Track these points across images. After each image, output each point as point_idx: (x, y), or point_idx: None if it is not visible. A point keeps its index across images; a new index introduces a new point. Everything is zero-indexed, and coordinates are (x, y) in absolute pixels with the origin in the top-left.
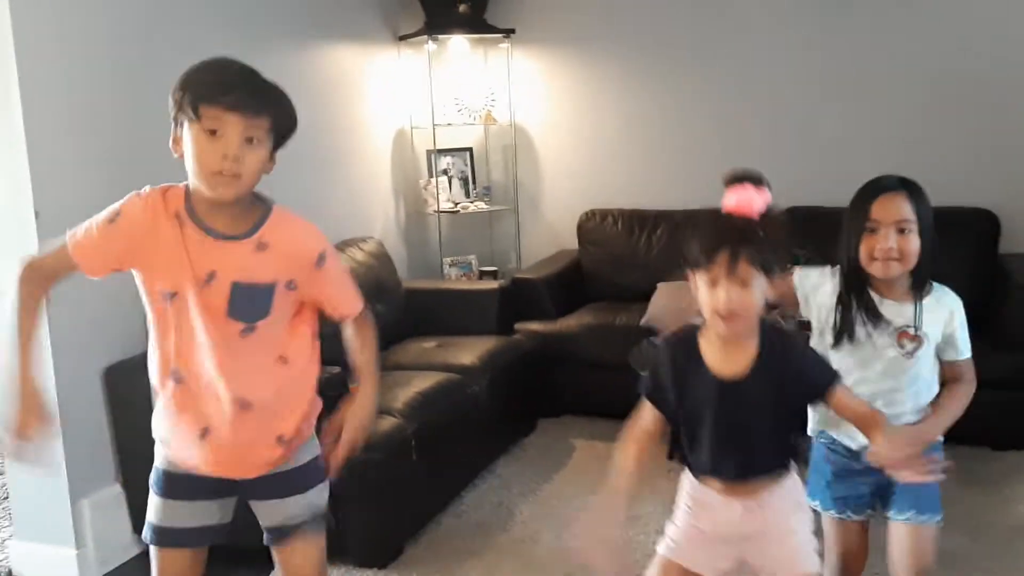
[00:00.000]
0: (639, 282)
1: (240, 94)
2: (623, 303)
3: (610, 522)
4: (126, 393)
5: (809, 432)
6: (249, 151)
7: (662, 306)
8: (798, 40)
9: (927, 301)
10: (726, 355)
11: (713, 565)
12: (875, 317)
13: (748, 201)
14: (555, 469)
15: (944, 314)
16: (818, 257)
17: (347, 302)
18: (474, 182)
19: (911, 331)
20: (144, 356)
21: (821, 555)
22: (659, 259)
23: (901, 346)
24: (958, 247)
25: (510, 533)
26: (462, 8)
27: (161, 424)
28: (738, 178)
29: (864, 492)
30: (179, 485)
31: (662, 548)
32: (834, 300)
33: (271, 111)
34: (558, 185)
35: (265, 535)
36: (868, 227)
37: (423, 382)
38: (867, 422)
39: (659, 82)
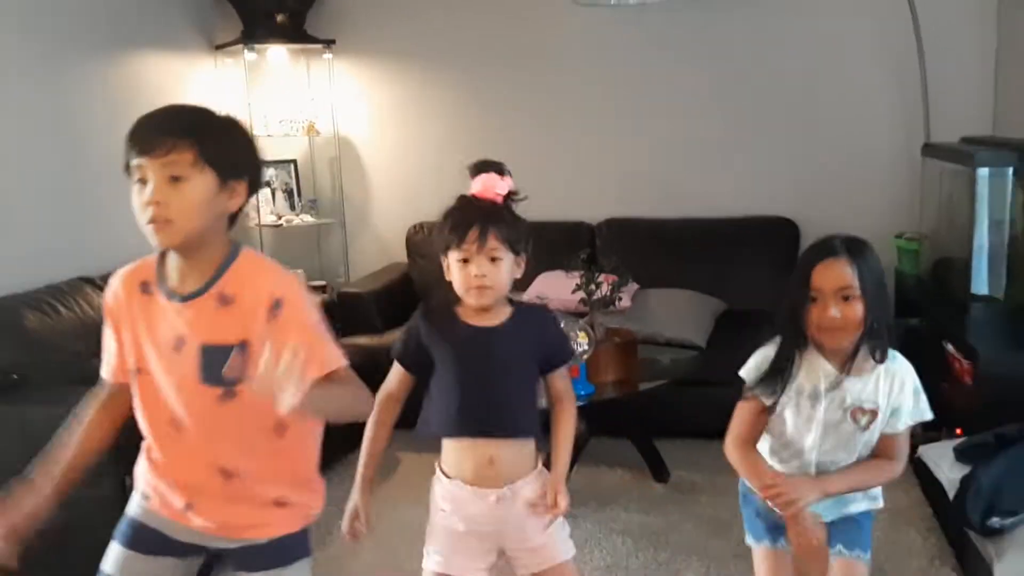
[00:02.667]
0: None
1: (145, 135)
2: None
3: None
4: None
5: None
6: (175, 192)
7: None
8: (613, 58)
9: (878, 371)
10: (480, 317)
11: (478, 565)
12: (812, 387)
13: (492, 185)
14: (378, 483)
15: (895, 385)
16: (623, 266)
17: (312, 362)
18: (299, 195)
19: (864, 405)
20: None
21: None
22: None
23: (857, 421)
24: (762, 253)
25: (327, 551)
26: (280, 18)
27: (143, 481)
28: (482, 167)
29: None
30: (147, 539)
31: (430, 563)
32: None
33: (189, 141)
34: (386, 198)
35: None
36: (811, 295)
37: None
38: (562, 405)
39: (481, 94)
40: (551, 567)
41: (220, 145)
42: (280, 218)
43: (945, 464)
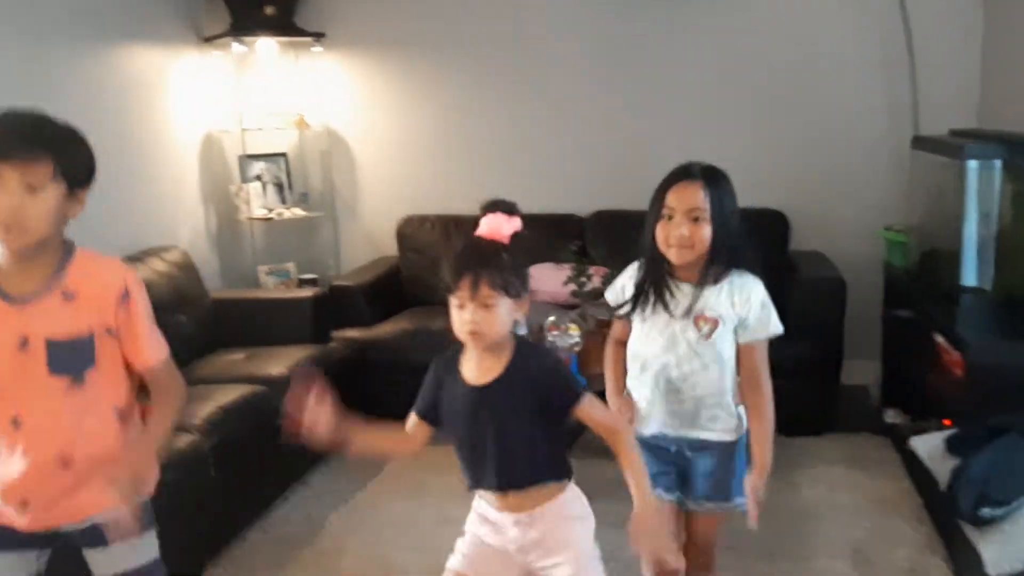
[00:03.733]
0: None
1: (8, 142)
2: (441, 308)
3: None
4: None
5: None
6: (31, 200)
7: None
8: (603, 50)
9: (724, 285)
10: (480, 367)
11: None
12: (663, 298)
13: (497, 227)
14: (370, 476)
15: (740, 297)
16: (613, 257)
17: (151, 348)
18: (290, 188)
19: (706, 313)
20: None
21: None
22: None
23: (699, 328)
24: (753, 245)
25: (317, 545)
26: (269, 10)
27: None
28: (491, 206)
29: (670, 471)
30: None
31: (451, 561)
32: (634, 284)
33: (49, 154)
34: (376, 191)
35: None
36: (665, 214)
37: (225, 396)
38: (612, 436)
39: (471, 87)
40: None
41: (73, 159)
42: (270, 211)
43: (936, 455)
